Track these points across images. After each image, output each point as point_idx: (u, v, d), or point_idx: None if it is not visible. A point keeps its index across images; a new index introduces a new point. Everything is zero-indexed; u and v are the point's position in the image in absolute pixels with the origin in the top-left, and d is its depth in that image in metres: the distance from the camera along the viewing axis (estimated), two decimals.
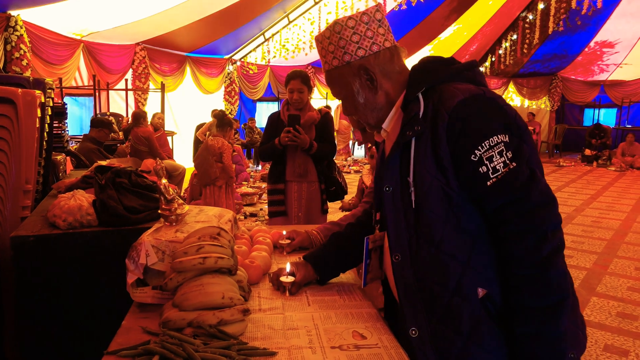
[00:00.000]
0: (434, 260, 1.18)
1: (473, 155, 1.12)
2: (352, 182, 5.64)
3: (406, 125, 1.22)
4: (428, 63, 1.29)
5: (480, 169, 1.12)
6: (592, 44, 13.46)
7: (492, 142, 1.12)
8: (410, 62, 1.28)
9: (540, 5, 11.96)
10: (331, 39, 1.27)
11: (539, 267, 1.08)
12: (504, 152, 1.11)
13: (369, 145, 3.06)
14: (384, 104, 1.30)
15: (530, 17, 12.56)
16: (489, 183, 1.11)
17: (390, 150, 1.28)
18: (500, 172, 1.11)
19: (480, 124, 1.13)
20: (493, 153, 1.11)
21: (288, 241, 1.94)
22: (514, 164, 1.11)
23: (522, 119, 1.19)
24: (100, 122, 5.78)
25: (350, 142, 13.56)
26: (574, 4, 10.79)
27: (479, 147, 1.12)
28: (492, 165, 1.11)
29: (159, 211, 1.56)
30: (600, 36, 12.98)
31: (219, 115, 5.37)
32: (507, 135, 1.12)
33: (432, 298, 1.20)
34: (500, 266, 1.16)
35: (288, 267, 1.57)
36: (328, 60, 1.30)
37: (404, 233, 1.23)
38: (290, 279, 1.54)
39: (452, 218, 1.17)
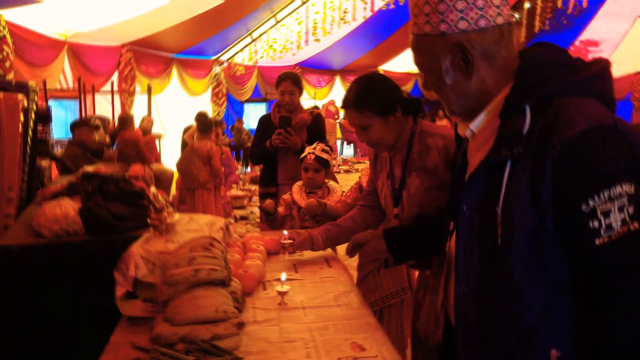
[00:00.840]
0: (506, 306, 0.98)
1: (585, 205, 0.88)
2: (343, 182, 5.60)
3: (502, 141, 0.96)
4: (545, 64, 0.99)
5: (590, 223, 0.88)
6: (577, 42, 13.61)
7: (614, 194, 0.87)
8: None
9: (527, 5, 12.06)
10: None
11: (638, 352, 0.88)
12: (625, 208, 0.86)
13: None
14: (475, 92, 1.03)
15: (517, 16, 12.65)
16: (597, 242, 0.88)
17: (476, 167, 1.04)
18: (616, 231, 0.87)
19: (603, 167, 0.88)
20: (612, 207, 0.87)
21: (291, 241, 1.91)
22: (636, 225, 0.86)
23: None
24: (78, 122, 5.71)
25: (338, 142, 13.51)
26: (559, 3, 10.89)
27: (595, 197, 0.87)
28: (606, 222, 0.87)
29: (148, 220, 1.51)
30: (586, 35, 13.13)
31: (200, 120, 5.22)
32: (633, 185, 0.87)
33: (493, 345, 1.02)
34: (584, 327, 0.94)
35: (283, 277, 1.55)
36: (419, 22, 1.03)
37: (476, 267, 1.02)
38: (287, 288, 1.50)
39: (537, 263, 0.94)
